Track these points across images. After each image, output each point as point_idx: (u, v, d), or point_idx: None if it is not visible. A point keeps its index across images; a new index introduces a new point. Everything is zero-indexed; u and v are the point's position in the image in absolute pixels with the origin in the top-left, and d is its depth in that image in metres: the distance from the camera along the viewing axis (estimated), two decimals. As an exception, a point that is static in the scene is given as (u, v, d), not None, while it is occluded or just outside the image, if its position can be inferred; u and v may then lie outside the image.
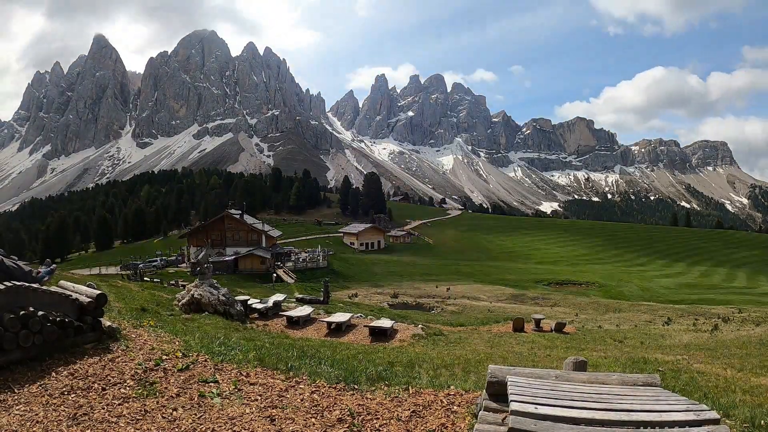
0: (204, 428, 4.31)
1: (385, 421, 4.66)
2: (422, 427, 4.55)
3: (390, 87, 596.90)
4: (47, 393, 4.71)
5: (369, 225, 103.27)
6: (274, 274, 49.53)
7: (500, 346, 15.48)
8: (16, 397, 4.56)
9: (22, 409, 4.35)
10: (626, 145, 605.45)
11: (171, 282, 37.72)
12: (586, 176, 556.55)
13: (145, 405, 4.65)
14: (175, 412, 4.56)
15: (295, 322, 18.13)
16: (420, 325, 19.44)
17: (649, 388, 4.19)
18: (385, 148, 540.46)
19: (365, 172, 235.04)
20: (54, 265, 13.08)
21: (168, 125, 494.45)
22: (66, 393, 4.76)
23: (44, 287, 5.90)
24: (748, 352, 14.05)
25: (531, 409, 3.35)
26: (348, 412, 4.80)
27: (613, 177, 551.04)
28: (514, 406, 3.43)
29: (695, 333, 21.92)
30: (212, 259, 50.35)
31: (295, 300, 27.97)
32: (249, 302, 20.58)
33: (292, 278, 50.42)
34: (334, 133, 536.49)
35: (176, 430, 4.26)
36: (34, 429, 4.06)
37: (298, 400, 5.11)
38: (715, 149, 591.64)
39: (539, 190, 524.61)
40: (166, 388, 5.10)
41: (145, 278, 41.14)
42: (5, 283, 5.39)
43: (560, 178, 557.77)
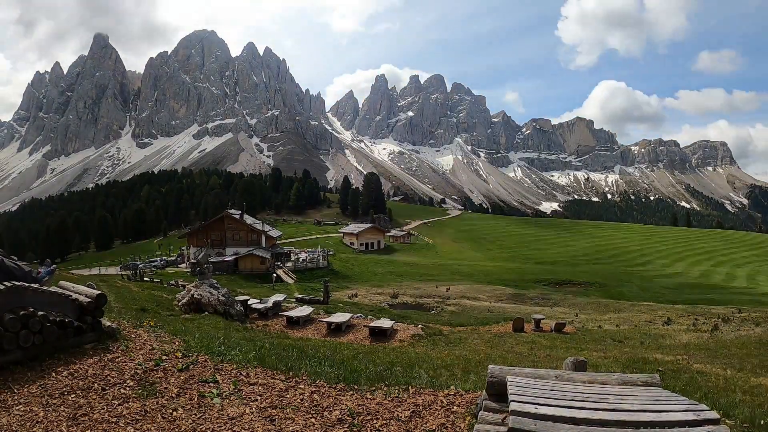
0: (204, 428, 4.31)
1: (385, 422, 4.66)
2: (422, 427, 4.55)
3: (390, 87, 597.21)
4: (47, 393, 4.70)
5: (369, 225, 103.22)
6: (274, 275, 49.53)
7: (500, 346, 15.48)
8: (16, 397, 4.55)
9: (22, 409, 4.35)
10: (626, 145, 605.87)
11: (171, 282, 37.73)
12: (585, 176, 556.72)
13: (145, 405, 4.65)
14: (175, 413, 4.56)
15: (295, 322, 18.14)
16: (420, 325, 19.45)
17: (649, 388, 4.19)
18: (384, 148, 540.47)
19: (365, 172, 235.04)
20: (54, 266, 13.06)
21: (168, 125, 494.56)
22: (66, 393, 4.75)
23: (44, 287, 5.89)
24: (747, 352, 14.05)
25: (531, 409, 3.36)
26: (348, 412, 4.80)
27: (612, 177, 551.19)
28: (514, 406, 3.43)
29: (695, 333, 21.92)
30: (212, 259, 50.36)
31: (295, 300, 27.99)
32: (249, 302, 20.62)
33: (292, 278, 50.40)
34: (334, 133, 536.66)
35: (176, 430, 4.25)
36: (34, 429, 4.05)
37: (298, 400, 5.11)
38: (715, 149, 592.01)
39: (539, 191, 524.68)
40: (166, 389, 5.10)
41: (145, 278, 41.13)
42: (5, 283, 5.38)
43: (560, 178, 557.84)
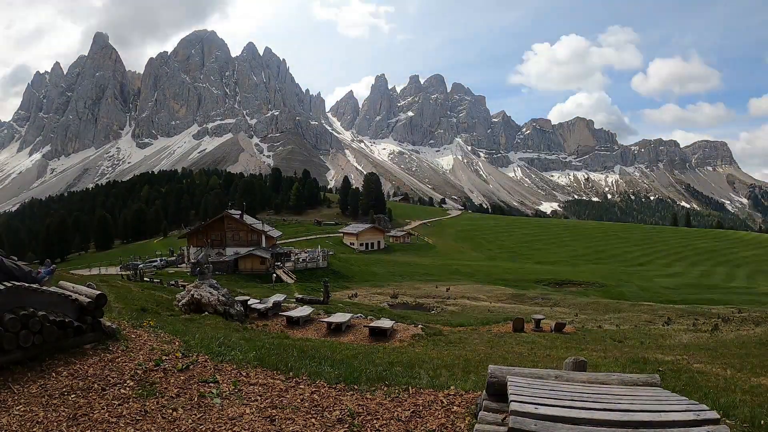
0: (204, 428, 4.31)
1: (385, 422, 4.66)
2: (422, 427, 4.55)
3: (390, 87, 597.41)
4: (47, 393, 4.71)
5: (369, 225, 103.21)
6: (274, 275, 49.54)
7: (500, 346, 15.47)
8: (16, 397, 4.55)
9: (22, 409, 4.35)
10: (626, 145, 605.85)
11: (171, 282, 37.76)
12: (585, 176, 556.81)
13: (145, 405, 4.65)
14: (175, 413, 4.56)
15: (295, 322, 18.13)
16: (420, 326, 19.44)
17: (649, 388, 4.20)
18: (384, 149, 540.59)
19: (365, 173, 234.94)
20: (54, 266, 13.07)
21: (168, 125, 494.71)
22: (66, 393, 4.75)
23: (44, 287, 5.90)
24: (748, 352, 14.04)
25: (531, 409, 3.36)
26: (348, 413, 4.80)
27: (612, 177, 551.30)
28: (514, 406, 3.44)
29: (695, 333, 21.90)
30: (212, 260, 50.43)
31: (295, 300, 27.98)
32: (249, 302, 20.61)
33: (292, 278, 50.39)
34: (334, 133, 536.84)
35: (176, 430, 4.26)
36: (34, 429, 4.05)
37: (298, 401, 5.11)
38: (715, 149, 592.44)
39: (539, 191, 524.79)
40: (166, 389, 5.10)
41: (145, 278, 41.15)
42: (5, 283, 5.39)
43: (560, 178, 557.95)
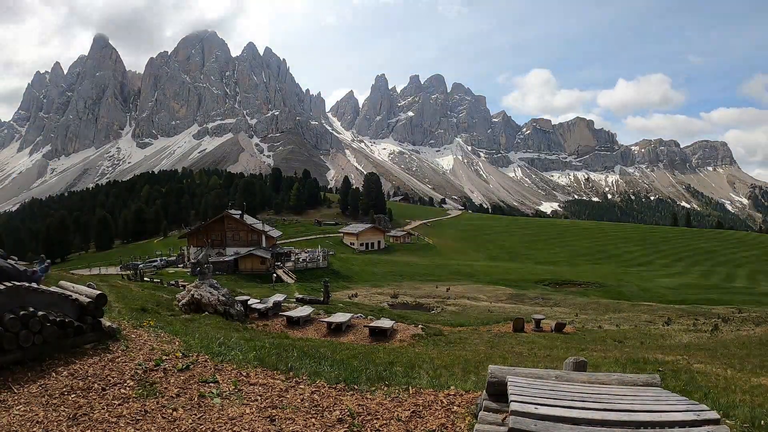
0: (204, 428, 4.31)
1: (385, 422, 4.66)
2: (422, 427, 4.55)
3: (390, 87, 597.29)
4: (47, 393, 4.71)
5: (369, 225, 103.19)
6: (274, 275, 49.52)
7: (500, 346, 15.48)
8: (16, 397, 4.56)
9: (22, 409, 4.35)
10: (626, 145, 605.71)
11: (171, 282, 37.74)
12: (586, 176, 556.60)
13: (145, 405, 4.65)
14: (175, 413, 4.56)
15: (295, 322, 18.14)
16: (420, 326, 19.44)
17: (649, 388, 4.19)
18: (385, 149, 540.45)
19: (365, 172, 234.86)
20: (48, 262, 13.07)
21: (168, 125, 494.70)
22: (66, 393, 4.76)
23: (44, 287, 5.90)
24: (748, 352, 14.05)
25: (531, 409, 3.36)
26: (348, 413, 4.80)
27: (613, 177, 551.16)
28: (514, 406, 3.43)
29: (695, 333, 21.91)
30: (212, 259, 50.46)
31: (295, 300, 27.96)
32: (249, 302, 20.61)
33: (292, 278, 50.39)
34: (334, 133, 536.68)
35: (176, 430, 4.26)
36: (34, 429, 4.06)
37: (298, 401, 5.11)
38: (715, 149, 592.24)
39: (539, 191, 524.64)
40: (166, 389, 5.10)
41: (145, 278, 41.14)
42: (5, 283, 5.39)
43: (560, 178, 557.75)
